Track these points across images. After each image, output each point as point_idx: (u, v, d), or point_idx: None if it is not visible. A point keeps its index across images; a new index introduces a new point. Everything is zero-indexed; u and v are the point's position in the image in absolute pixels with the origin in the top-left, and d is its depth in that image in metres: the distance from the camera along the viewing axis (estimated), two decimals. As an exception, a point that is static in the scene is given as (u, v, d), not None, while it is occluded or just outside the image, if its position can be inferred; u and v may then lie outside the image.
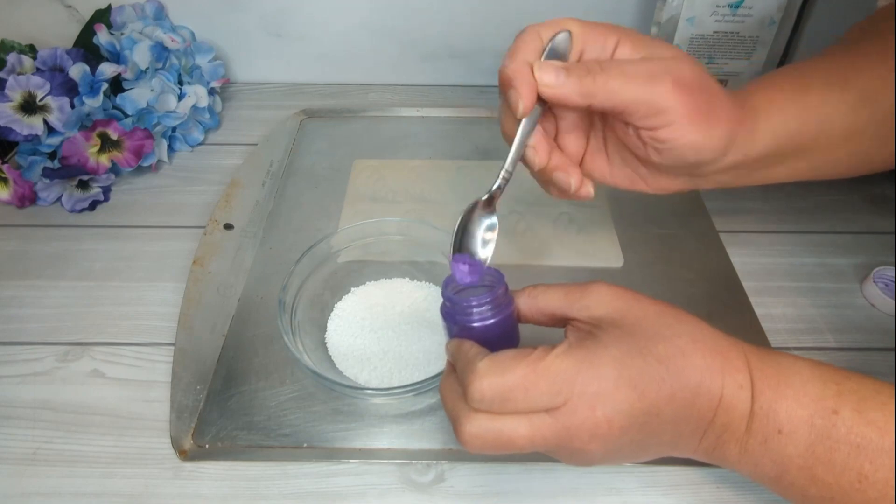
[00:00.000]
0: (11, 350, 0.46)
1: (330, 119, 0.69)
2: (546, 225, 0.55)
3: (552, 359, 0.28)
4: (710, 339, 0.30)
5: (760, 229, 0.56)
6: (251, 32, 0.71)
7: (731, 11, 0.61)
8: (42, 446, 0.41)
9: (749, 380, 0.30)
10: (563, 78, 0.33)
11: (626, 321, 0.30)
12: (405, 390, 0.39)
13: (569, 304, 0.32)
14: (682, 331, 0.30)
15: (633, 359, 0.29)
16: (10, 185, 0.57)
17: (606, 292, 0.32)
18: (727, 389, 0.29)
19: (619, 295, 0.31)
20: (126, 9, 0.65)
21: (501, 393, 0.28)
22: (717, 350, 0.30)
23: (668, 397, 0.29)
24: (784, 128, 0.37)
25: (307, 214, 0.57)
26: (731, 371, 0.29)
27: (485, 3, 0.69)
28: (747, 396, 0.29)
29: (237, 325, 0.47)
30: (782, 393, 0.29)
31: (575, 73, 0.33)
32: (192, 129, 0.65)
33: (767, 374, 0.30)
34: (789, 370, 0.30)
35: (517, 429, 0.28)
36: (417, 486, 0.39)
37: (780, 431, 0.29)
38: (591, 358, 0.29)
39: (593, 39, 0.35)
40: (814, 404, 0.28)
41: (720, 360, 0.30)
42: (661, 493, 0.38)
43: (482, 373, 0.28)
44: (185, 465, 0.40)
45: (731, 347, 0.30)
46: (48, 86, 0.55)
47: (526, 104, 0.33)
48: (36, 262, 0.53)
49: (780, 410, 0.29)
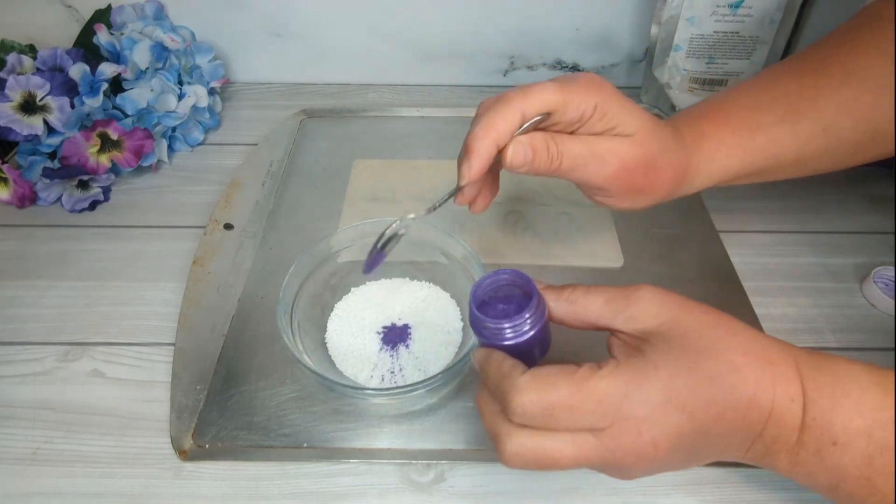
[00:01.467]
0: (11, 350, 0.46)
1: (330, 119, 0.69)
2: (546, 225, 0.55)
3: (598, 380, 0.27)
4: (760, 350, 0.29)
5: (760, 229, 0.56)
6: (251, 32, 0.71)
7: (731, 11, 0.61)
8: (42, 446, 0.41)
9: (801, 391, 0.28)
10: (529, 159, 0.35)
11: (675, 334, 0.29)
12: (405, 390, 0.39)
13: (612, 314, 0.30)
14: (734, 343, 0.29)
15: (683, 378, 0.28)
16: (10, 185, 0.57)
17: (653, 301, 0.30)
18: (778, 402, 0.28)
19: (667, 304, 0.30)
20: (126, 9, 0.65)
21: (545, 409, 0.27)
22: (768, 360, 0.29)
23: (717, 416, 0.28)
24: (726, 169, 0.40)
25: (307, 214, 0.57)
26: (783, 383, 0.28)
27: (485, 3, 0.69)
28: (798, 408, 0.28)
29: (237, 325, 0.47)
30: (838, 402, 0.28)
31: (539, 155, 0.35)
32: (192, 129, 0.65)
33: (822, 382, 0.28)
34: (846, 377, 0.28)
35: (561, 448, 0.28)
36: (417, 486, 0.39)
37: (834, 443, 0.28)
38: (639, 380, 0.27)
39: (573, 107, 0.35)
40: (873, 414, 0.27)
41: (770, 371, 0.28)
42: (661, 493, 0.38)
43: (525, 388, 0.27)
44: (185, 465, 0.40)
45: (782, 356, 0.29)
46: (48, 86, 0.55)
47: (475, 175, 0.35)
48: (36, 262, 0.53)
49: (836, 422, 0.28)
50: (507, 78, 0.75)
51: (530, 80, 0.74)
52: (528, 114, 0.35)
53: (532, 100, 0.35)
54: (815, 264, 0.53)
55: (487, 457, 0.40)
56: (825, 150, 0.40)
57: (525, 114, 0.35)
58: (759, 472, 0.39)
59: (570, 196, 0.57)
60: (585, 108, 0.35)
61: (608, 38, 0.71)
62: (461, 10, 0.69)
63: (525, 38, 0.71)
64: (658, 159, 0.38)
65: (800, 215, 0.57)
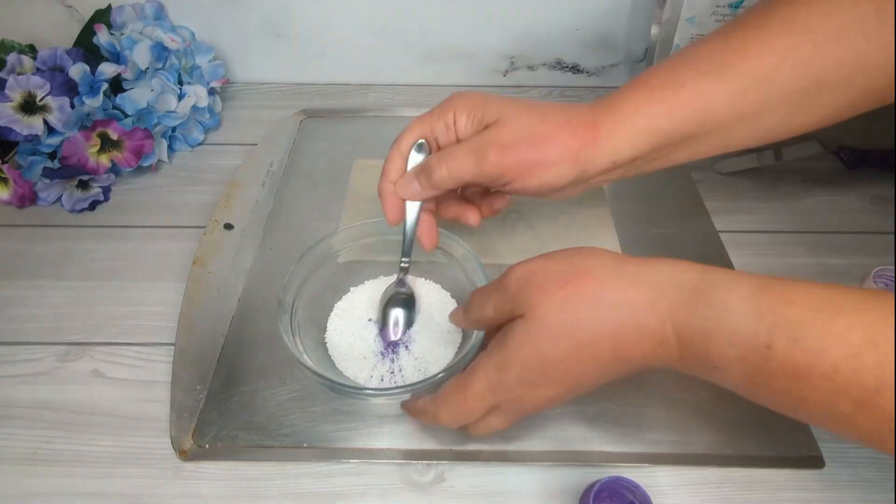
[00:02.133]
0: (11, 350, 0.46)
1: (330, 119, 0.69)
2: (546, 225, 0.55)
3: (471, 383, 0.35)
4: (617, 313, 0.31)
5: (760, 229, 0.56)
6: (251, 32, 0.71)
7: (731, 11, 0.61)
8: (42, 446, 0.41)
9: (672, 338, 0.31)
10: (416, 187, 0.41)
11: (533, 318, 0.33)
12: (405, 390, 0.39)
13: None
14: (585, 316, 0.32)
15: (539, 363, 0.33)
16: (10, 185, 0.57)
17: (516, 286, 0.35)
18: (647, 353, 0.32)
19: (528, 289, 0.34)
20: (126, 9, 0.65)
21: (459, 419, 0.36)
22: (628, 326, 0.31)
23: (584, 373, 0.33)
24: (652, 126, 0.39)
25: (307, 214, 0.57)
26: (648, 341, 0.31)
27: (485, 3, 0.69)
28: (672, 350, 0.31)
29: (237, 325, 0.47)
30: (710, 338, 0.29)
31: (423, 176, 0.41)
32: (192, 129, 0.65)
33: (694, 323, 0.30)
34: (719, 309, 0.29)
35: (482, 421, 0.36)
36: (417, 486, 0.39)
37: (715, 367, 0.30)
38: (499, 371, 0.34)
39: (438, 127, 0.41)
40: (746, 343, 0.28)
41: (636, 336, 0.31)
42: (661, 493, 0.38)
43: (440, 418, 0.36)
44: (185, 465, 0.40)
45: (647, 313, 0.31)
46: (48, 86, 0.55)
47: (392, 216, 0.43)
48: (36, 262, 0.53)
49: (711, 353, 0.30)
50: (507, 78, 0.75)
51: (530, 80, 0.74)
52: (404, 150, 0.42)
53: (402, 140, 0.42)
54: (815, 264, 0.53)
55: (487, 457, 0.40)
56: (768, 104, 0.38)
57: (402, 151, 0.42)
58: (760, 472, 0.39)
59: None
60: (446, 120, 0.41)
61: (608, 38, 0.71)
62: (461, 10, 0.69)
63: (525, 38, 0.71)
64: (536, 127, 0.39)
65: (800, 215, 0.57)
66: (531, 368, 0.33)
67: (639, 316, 0.31)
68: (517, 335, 0.33)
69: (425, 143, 0.42)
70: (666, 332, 0.31)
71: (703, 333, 0.30)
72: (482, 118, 0.40)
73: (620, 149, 0.39)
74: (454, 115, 0.40)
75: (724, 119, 0.39)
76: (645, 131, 0.39)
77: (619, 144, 0.39)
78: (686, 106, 0.39)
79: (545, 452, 0.40)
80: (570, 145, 0.39)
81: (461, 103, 0.41)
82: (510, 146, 0.38)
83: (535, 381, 0.33)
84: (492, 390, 0.34)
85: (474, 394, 0.34)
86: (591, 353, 0.32)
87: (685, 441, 0.41)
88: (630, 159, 0.40)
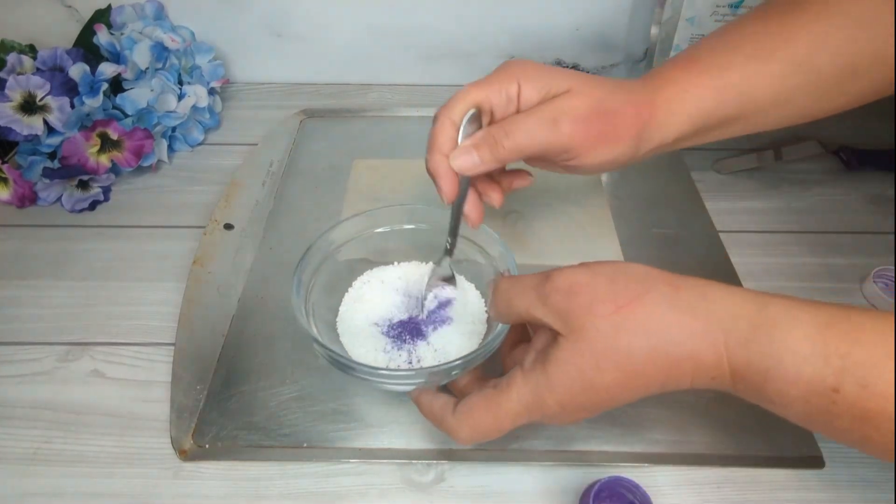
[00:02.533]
0: (11, 350, 0.46)
1: (330, 119, 0.69)
2: (546, 225, 0.55)
3: (507, 402, 0.32)
4: (673, 346, 0.29)
5: (760, 229, 0.56)
6: (251, 32, 0.71)
7: (731, 11, 0.61)
8: (42, 446, 0.41)
9: (728, 372, 0.29)
10: (476, 158, 0.37)
11: (581, 339, 0.30)
12: (421, 374, 0.37)
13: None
14: (638, 346, 0.30)
15: (583, 390, 0.31)
16: (10, 185, 0.57)
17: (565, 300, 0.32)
18: (697, 382, 0.30)
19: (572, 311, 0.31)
20: (126, 9, 0.65)
21: (479, 436, 0.33)
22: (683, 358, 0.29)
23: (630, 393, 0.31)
24: (700, 109, 0.39)
25: (307, 214, 0.57)
26: (702, 375, 0.30)
27: (485, 3, 0.69)
28: (724, 382, 0.30)
29: (237, 325, 0.47)
30: (770, 377, 0.28)
31: (485, 148, 0.37)
32: (192, 129, 0.65)
33: (753, 360, 0.28)
34: (782, 350, 0.28)
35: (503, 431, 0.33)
36: (417, 486, 0.39)
37: (771, 402, 0.29)
38: (540, 391, 0.31)
39: (497, 98, 0.38)
40: (810, 385, 0.27)
41: (684, 371, 0.30)
42: (662, 492, 0.38)
43: (456, 428, 0.33)
44: (185, 465, 0.40)
45: (704, 349, 0.29)
46: (48, 86, 0.55)
47: (448, 194, 0.38)
48: (36, 262, 0.53)
49: (769, 390, 0.28)
50: (507, 78, 0.75)
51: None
52: (456, 119, 0.38)
53: (454, 106, 0.38)
54: (815, 264, 0.53)
55: (487, 457, 0.40)
56: (804, 88, 0.39)
57: (453, 120, 0.38)
58: (760, 472, 0.39)
59: (570, 196, 0.57)
60: (508, 89, 0.37)
61: (608, 38, 0.71)
62: (461, 10, 0.69)
63: (525, 38, 0.71)
64: (607, 101, 0.38)
65: (800, 215, 0.57)
66: (573, 395, 0.31)
67: (695, 351, 0.29)
68: (561, 358, 0.30)
69: (477, 113, 0.38)
70: (722, 368, 0.29)
71: (763, 372, 0.28)
72: (549, 89, 0.38)
73: (670, 130, 0.39)
74: (518, 84, 0.38)
75: (762, 102, 0.40)
76: (691, 114, 0.39)
77: (671, 125, 0.39)
78: (732, 89, 0.39)
79: (545, 452, 0.40)
80: (636, 122, 0.38)
81: (525, 73, 0.38)
82: (585, 117, 0.37)
83: (577, 406, 0.31)
84: (528, 411, 0.32)
85: (508, 414, 0.32)
86: (640, 383, 0.30)
87: (685, 441, 0.41)
88: (673, 140, 0.40)
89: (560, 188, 0.58)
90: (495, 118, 0.38)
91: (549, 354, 0.31)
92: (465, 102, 0.38)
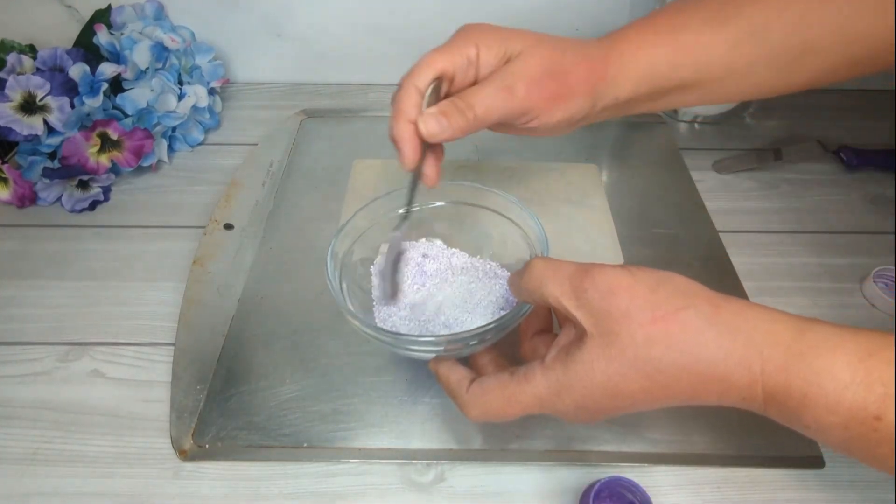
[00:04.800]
0: (11, 350, 0.46)
1: (330, 119, 0.69)
2: (546, 225, 0.55)
3: (524, 391, 0.32)
4: (706, 365, 0.29)
5: (760, 229, 0.56)
6: (251, 32, 0.71)
7: (731, 11, 0.61)
8: (42, 446, 0.41)
9: (760, 395, 0.28)
10: (444, 124, 0.37)
11: (614, 342, 0.30)
12: (436, 341, 0.37)
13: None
14: (670, 361, 0.29)
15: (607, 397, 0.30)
16: (10, 185, 0.57)
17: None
18: (724, 400, 0.29)
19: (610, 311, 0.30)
20: (126, 9, 0.65)
21: (491, 416, 0.33)
22: (715, 378, 0.29)
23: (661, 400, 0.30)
24: (653, 69, 0.40)
25: (307, 214, 0.57)
26: (732, 394, 0.29)
27: (485, 3, 0.69)
28: (756, 404, 0.29)
29: (237, 325, 0.47)
30: (808, 403, 0.27)
31: (451, 116, 0.37)
32: (192, 129, 0.65)
33: (792, 385, 0.28)
34: (822, 376, 0.27)
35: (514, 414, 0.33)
36: (417, 486, 0.39)
37: (807, 427, 0.28)
38: (560, 389, 0.31)
39: (458, 62, 0.38)
40: (850, 413, 0.27)
41: (712, 389, 0.29)
42: (662, 492, 0.38)
43: (470, 405, 0.33)
44: (185, 465, 0.40)
45: (738, 371, 0.28)
46: (48, 86, 0.55)
47: (412, 160, 0.38)
48: (36, 262, 0.53)
49: (804, 416, 0.28)
50: (507, 78, 0.75)
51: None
52: (421, 85, 0.38)
53: (418, 73, 0.38)
54: (814, 264, 0.53)
55: (487, 457, 0.40)
56: (761, 59, 0.39)
57: (418, 87, 0.38)
58: (760, 472, 0.39)
59: (570, 196, 0.57)
60: (468, 53, 0.38)
61: (608, 38, 0.71)
62: (460, 9, 0.69)
63: (525, 38, 0.71)
64: (560, 61, 0.38)
65: (800, 215, 0.57)
66: (593, 398, 0.30)
67: (728, 372, 0.28)
68: (586, 360, 0.30)
69: (441, 80, 0.39)
70: (755, 390, 0.28)
71: (800, 398, 0.27)
72: (505, 51, 0.39)
73: (624, 86, 0.40)
74: (476, 48, 0.39)
75: (716, 70, 0.40)
76: (644, 72, 0.40)
77: (624, 81, 0.40)
78: (686, 51, 0.40)
79: (545, 452, 0.40)
80: (588, 77, 0.39)
81: (481, 36, 0.39)
82: (538, 79, 0.38)
83: (594, 409, 0.31)
84: (541, 405, 0.32)
85: (521, 405, 0.32)
86: (665, 394, 0.30)
87: (685, 441, 0.41)
88: (627, 98, 0.40)
89: (560, 188, 0.58)
90: (455, 83, 0.39)
91: (572, 354, 0.30)
92: (429, 69, 0.38)
